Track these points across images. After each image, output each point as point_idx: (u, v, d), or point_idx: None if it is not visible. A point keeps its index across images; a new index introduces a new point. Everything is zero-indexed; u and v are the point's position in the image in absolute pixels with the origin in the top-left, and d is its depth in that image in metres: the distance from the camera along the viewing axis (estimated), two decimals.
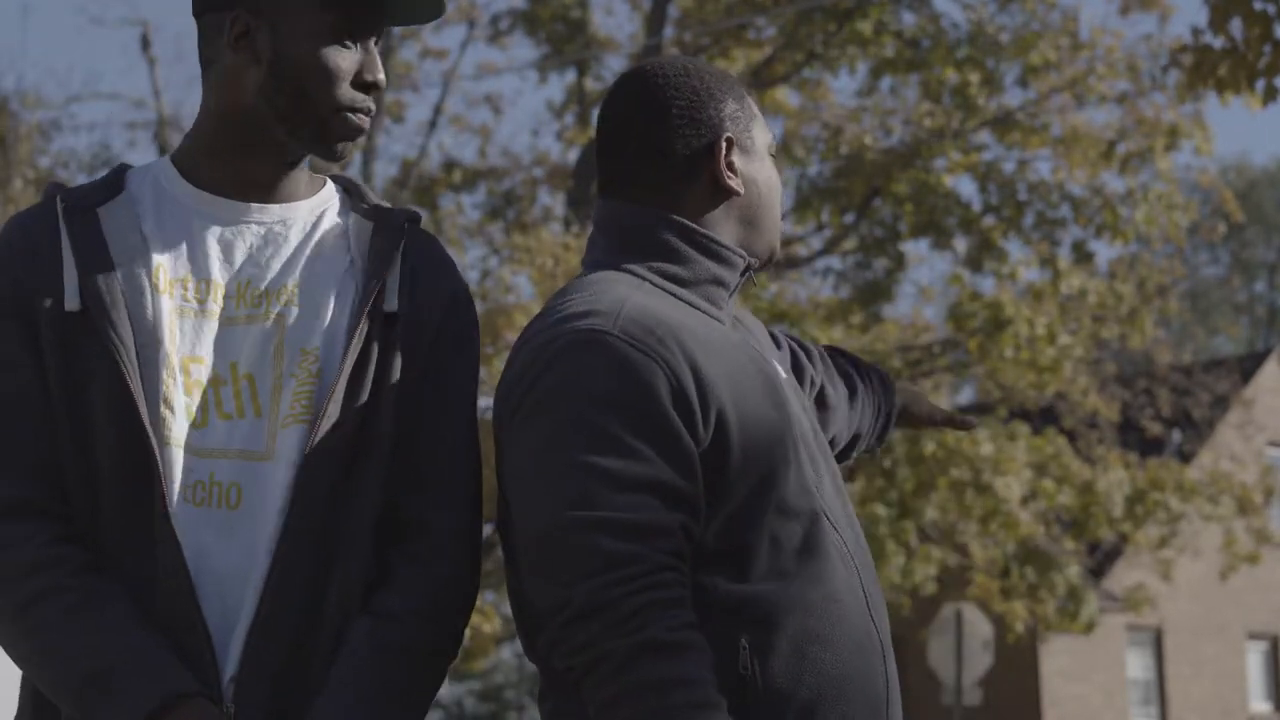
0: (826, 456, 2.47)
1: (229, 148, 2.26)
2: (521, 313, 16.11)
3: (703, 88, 2.46)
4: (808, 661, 2.27)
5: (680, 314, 2.39)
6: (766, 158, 2.50)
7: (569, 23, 20.34)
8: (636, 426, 2.25)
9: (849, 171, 18.12)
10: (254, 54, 2.22)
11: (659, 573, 2.18)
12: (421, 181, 20.24)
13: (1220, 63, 8.50)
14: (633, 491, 2.21)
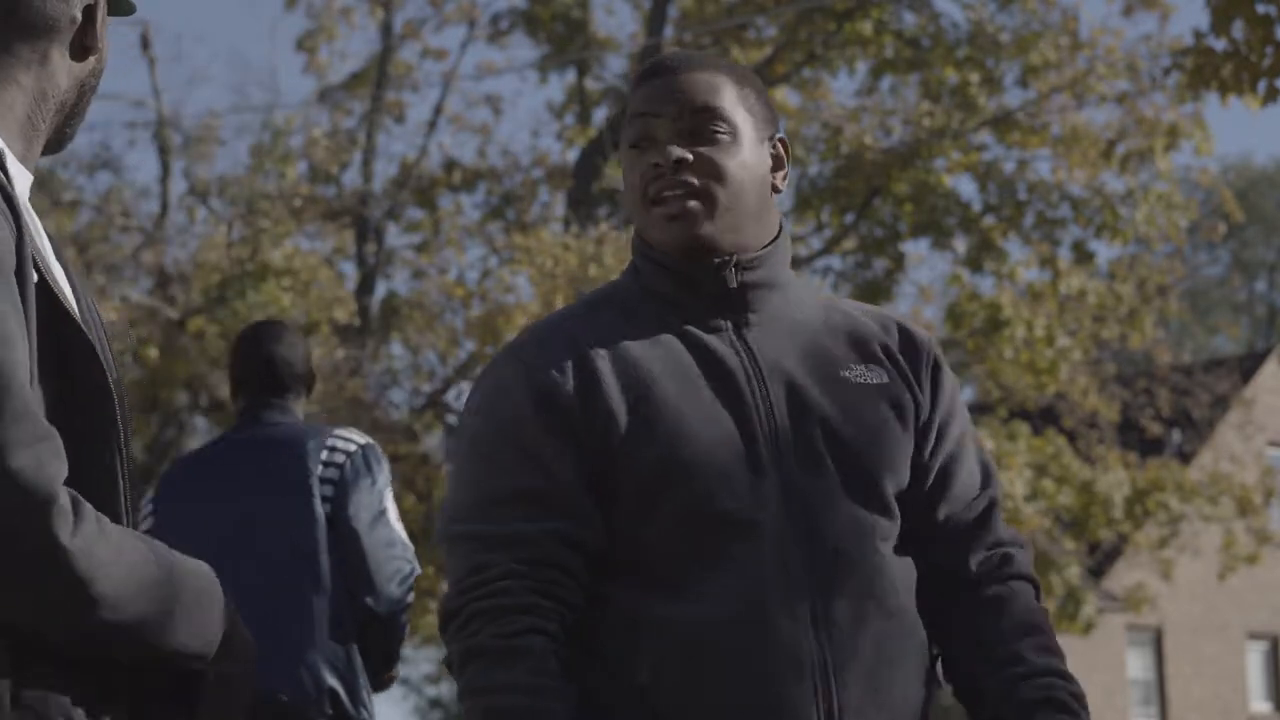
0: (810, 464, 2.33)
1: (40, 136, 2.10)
2: (521, 313, 16.10)
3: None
4: (690, 681, 2.24)
5: (607, 323, 2.39)
6: (628, 153, 2.44)
7: (569, 23, 20.35)
8: (501, 436, 2.31)
9: (849, 171, 18.13)
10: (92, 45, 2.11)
11: (500, 580, 2.23)
12: (421, 181, 20.24)
13: (1222, 65, 8.52)
14: (495, 503, 2.28)
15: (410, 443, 17.49)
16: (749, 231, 2.41)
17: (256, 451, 4.45)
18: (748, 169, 2.40)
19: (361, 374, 17.92)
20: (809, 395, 2.37)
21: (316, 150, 19.43)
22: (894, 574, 2.33)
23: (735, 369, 2.35)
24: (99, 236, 17.95)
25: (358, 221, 19.47)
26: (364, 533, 4.30)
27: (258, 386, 4.52)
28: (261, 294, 16.70)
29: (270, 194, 18.30)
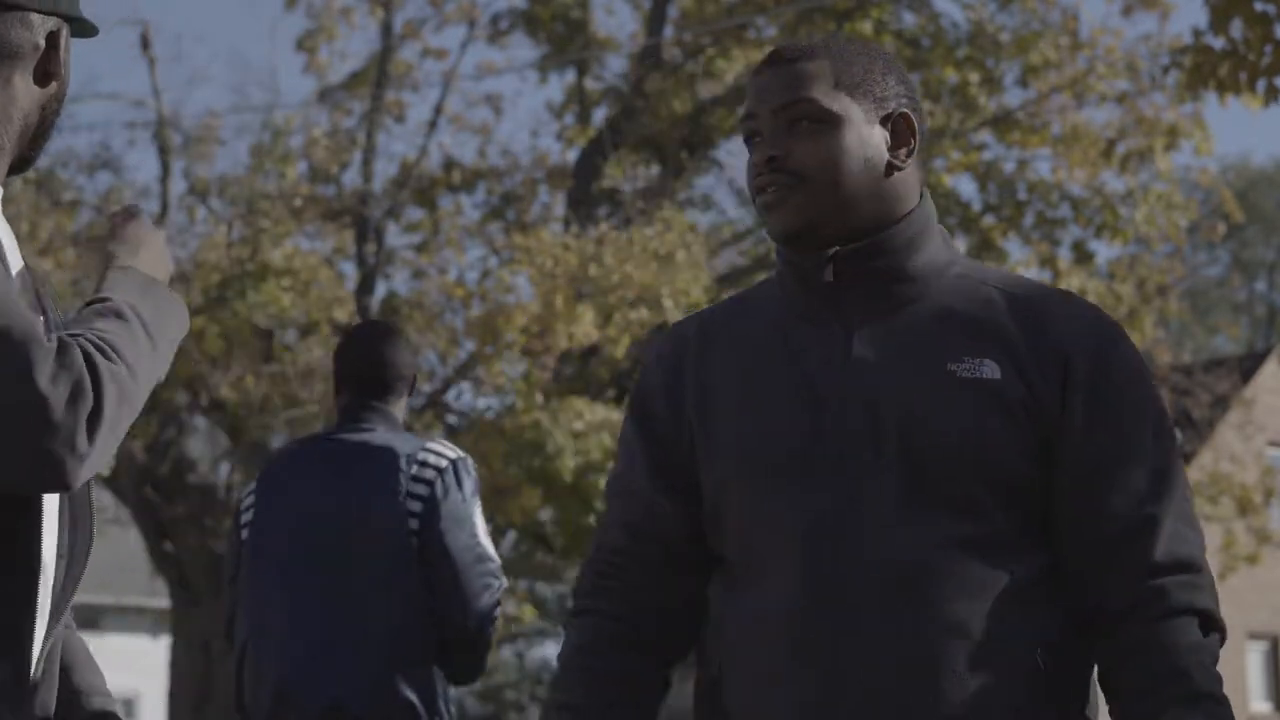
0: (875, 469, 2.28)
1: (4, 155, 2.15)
2: (521, 313, 16.10)
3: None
4: (735, 681, 2.32)
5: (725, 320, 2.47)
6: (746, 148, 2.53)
7: (569, 23, 20.35)
8: (627, 428, 2.47)
9: None
10: (59, 65, 2.17)
11: (590, 559, 2.47)
12: (421, 181, 20.24)
13: (1221, 64, 8.51)
14: (611, 493, 2.50)
15: None
16: (861, 216, 2.37)
17: (349, 455, 4.45)
18: (850, 153, 2.36)
19: None
20: (895, 394, 2.29)
21: (316, 150, 19.43)
22: (959, 584, 2.21)
23: (818, 369, 2.34)
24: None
25: (358, 221, 19.47)
26: (453, 548, 4.29)
27: (358, 387, 4.54)
28: (261, 294, 16.71)
29: (270, 194, 18.30)
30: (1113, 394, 2.27)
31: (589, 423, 15.36)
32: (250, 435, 17.91)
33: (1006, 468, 2.24)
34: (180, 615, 18.72)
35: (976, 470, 2.24)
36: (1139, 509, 2.22)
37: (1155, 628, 2.20)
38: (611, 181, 19.91)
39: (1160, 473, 2.25)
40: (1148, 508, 2.23)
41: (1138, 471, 2.24)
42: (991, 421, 2.24)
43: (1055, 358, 2.27)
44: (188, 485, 18.68)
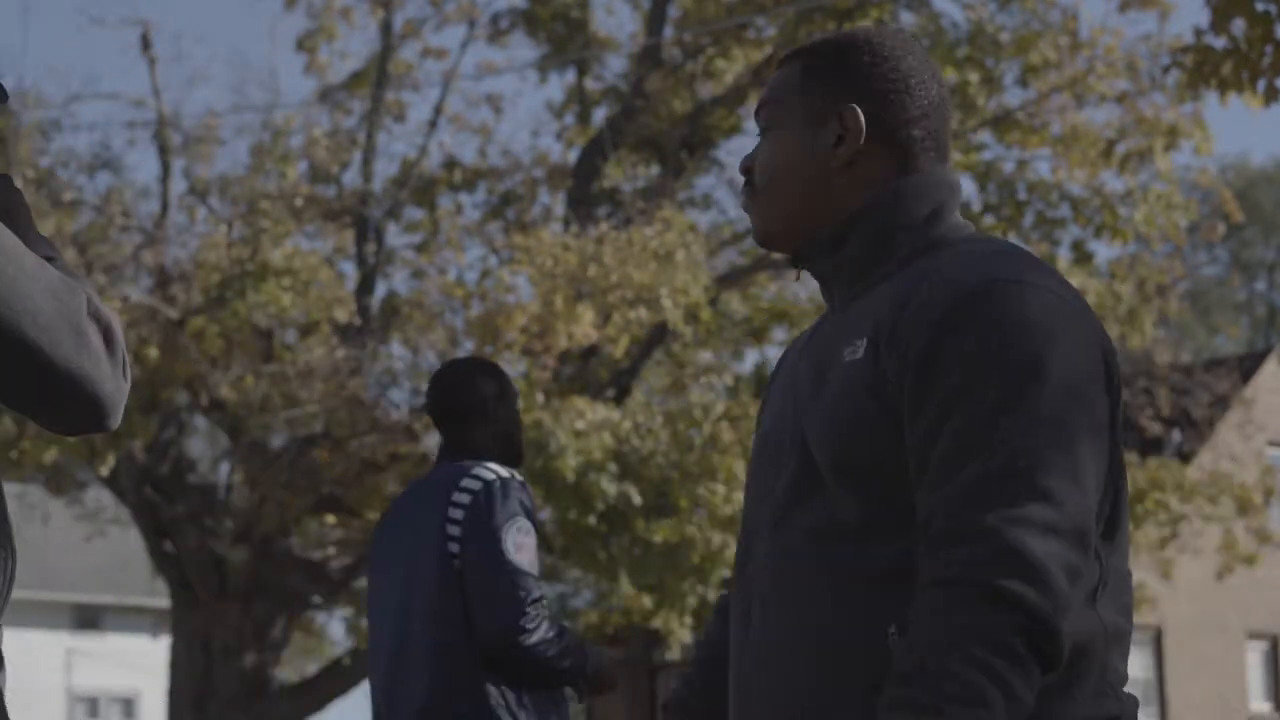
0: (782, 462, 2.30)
1: None
2: (521, 312, 16.10)
3: None
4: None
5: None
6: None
7: (569, 22, 20.35)
8: None
9: None
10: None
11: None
12: (421, 181, 20.24)
13: (1222, 63, 8.50)
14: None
15: (410, 443, 17.50)
16: (806, 220, 2.36)
17: (418, 494, 4.79)
18: (783, 156, 2.38)
19: (361, 374, 17.92)
20: (803, 384, 2.31)
21: (317, 150, 19.43)
22: (811, 572, 2.18)
23: (786, 371, 2.44)
24: (99, 236, 17.95)
25: (358, 221, 19.47)
26: (480, 565, 4.48)
27: (437, 423, 4.84)
28: (262, 294, 16.71)
29: (270, 194, 18.30)
30: (945, 355, 2.11)
31: (590, 422, 15.36)
32: (250, 435, 17.91)
33: (862, 449, 2.16)
34: (180, 615, 18.73)
35: (837, 454, 2.19)
36: (943, 499, 2.06)
37: (918, 598, 2.05)
38: (611, 181, 19.91)
39: (976, 468, 2.05)
40: (963, 467, 2.06)
41: (959, 433, 2.07)
42: (853, 401, 2.18)
43: (902, 339, 2.16)
44: (188, 485, 18.69)
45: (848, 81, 2.38)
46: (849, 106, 2.35)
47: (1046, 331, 2.11)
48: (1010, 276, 2.15)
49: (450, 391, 4.80)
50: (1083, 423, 2.09)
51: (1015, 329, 2.11)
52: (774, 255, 21.49)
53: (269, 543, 18.19)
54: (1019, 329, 2.10)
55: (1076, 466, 2.07)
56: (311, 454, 17.64)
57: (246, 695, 18.22)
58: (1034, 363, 2.09)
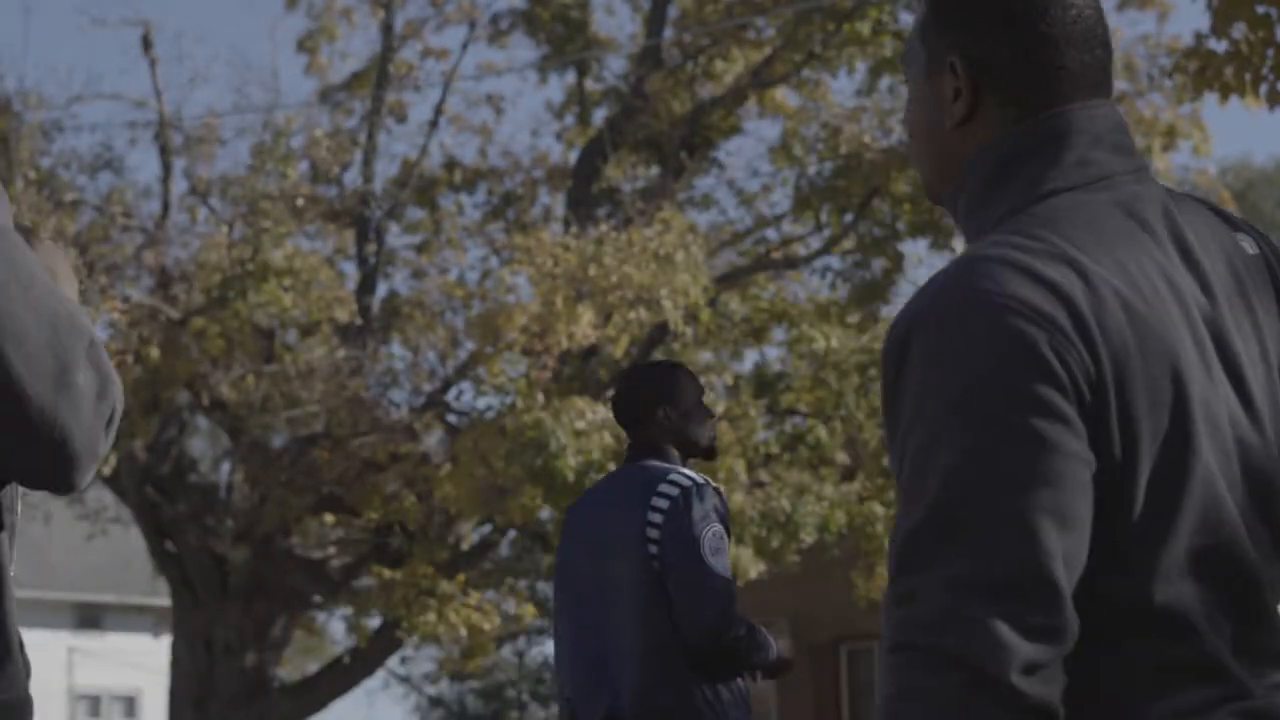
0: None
1: None
2: (521, 312, 16.13)
3: None
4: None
5: None
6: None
7: (569, 23, 20.38)
8: None
9: (848, 171, 18.18)
10: None
11: None
12: (422, 181, 20.28)
13: (1224, 67, 8.50)
14: None
15: (410, 442, 17.54)
16: (938, 179, 2.16)
17: (611, 495, 5.03)
18: (913, 112, 2.18)
19: (362, 374, 17.97)
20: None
21: (317, 150, 19.47)
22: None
23: None
24: (101, 236, 17.99)
25: (358, 221, 19.52)
26: (678, 569, 4.75)
27: (623, 427, 5.13)
28: (263, 294, 16.75)
29: (271, 194, 18.34)
30: (905, 393, 1.95)
31: (590, 422, 15.40)
32: (251, 435, 17.96)
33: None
34: (181, 614, 18.77)
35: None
36: (890, 556, 1.93)
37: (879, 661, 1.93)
38: (611, 182, 19.95)
39: (906, 524, 1.89)
40: (901, 522, 1.92)
41: (899, 517, 1.93)
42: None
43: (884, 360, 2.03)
44: (189, 484, 18.73)
45: (945, 32, 2.13)
46: (951, 60, 2.11)
47: (961, 359, 1.89)
48: (940, 297, 1.94)
49: (617, 399, 5.10)
50: (1021, 454, 1.85)
51: (932, 361, 1.90)
52: (773, 255, 21.35)
53: (270, 542, 18.23)
54: (935, 361, 1.90)
55: (1016, 510, 1.84)
56: (312, 453, 17.69)
57: (247, 694, 18.26)
58: (951, 400, 1.88)
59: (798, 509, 16.02)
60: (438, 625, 17.07)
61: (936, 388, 1.89)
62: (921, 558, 1.85)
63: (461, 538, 18.63)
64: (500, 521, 17.30)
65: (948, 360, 1.89)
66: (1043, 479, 1.84)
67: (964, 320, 1.89)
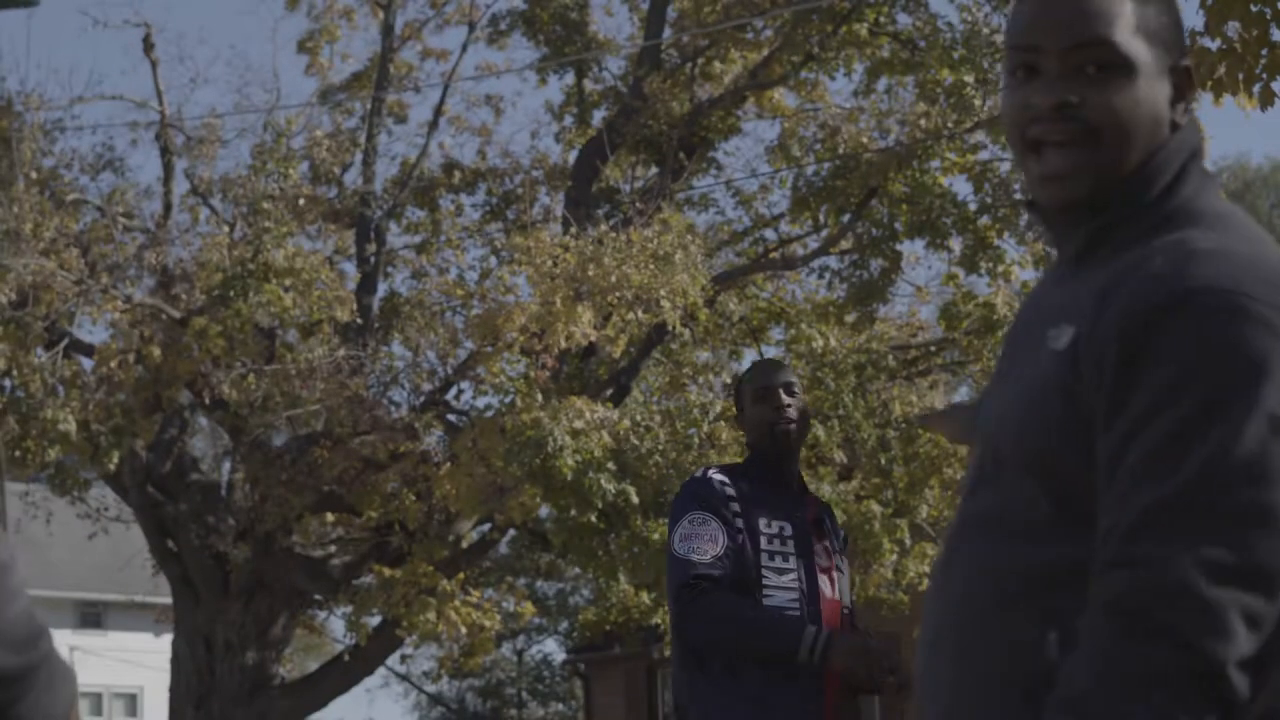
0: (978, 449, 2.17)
1: None
2: (521, 312, 16.18)
3: None
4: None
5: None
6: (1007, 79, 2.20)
7: (568, 24, 20.43)
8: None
9: (846, 172, 18.22)
10: None
11: None
12: (422, 181, 20.35)
13: (1217, 65, 8.48)
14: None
15: (410, 441, 17.59)
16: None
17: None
18: (1140, 109, 2.10)
19: (362, 373, 18.03)
20: (1005, 369, 2.18)
21: (318, 151, 19.54)
22: (973, 565, 2.09)
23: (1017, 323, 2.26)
24: (102, 236, 18.05)
25: (359, 221, 19.58)
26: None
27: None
28: (263, 293, 16.80)
29: (272, 194, 18.40)
30: (1133, 391, 1.98)
31: (589, 421, 15.46)
32: (252, 434, 18.02)
33: (1043, 441, 2.08)
34: (183, 612, 18.83)
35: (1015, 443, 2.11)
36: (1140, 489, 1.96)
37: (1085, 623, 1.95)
38: (610, 182, 20.01)
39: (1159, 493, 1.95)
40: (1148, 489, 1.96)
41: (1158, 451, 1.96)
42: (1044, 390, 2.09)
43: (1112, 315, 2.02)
44: (190, 483, 18.77)
45: (1176, 30, 2.17)
46: (1186, 65, 2.16)
47: (1255, 355, 1.91)
48: (1220, 286, 1.95)
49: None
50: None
51: (1219, 349, 1.93)
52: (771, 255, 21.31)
53: (270, 540, 18.28)
54: (1223, 349, 1.92)
55: (1270, 507, 1.88)
56: (313, 452, 17.74)
57: (248, 692, 18.33)
58: (1238, 389, 1.91)
59: None
60: (437, 623, 17.12)
61: (1207, 374, 1.91)
62: (1171, 530, 1.88)
63: (461, 536, 18.69)
64: (500, 520, 17.36)
65: (1227, 354, 1.92)
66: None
67: (1244, 313, 1.93)
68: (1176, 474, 1.89)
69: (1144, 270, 1.99)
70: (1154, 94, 2.10)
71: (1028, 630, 2.01)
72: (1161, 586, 1.86)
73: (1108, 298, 2.00)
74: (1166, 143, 2.11)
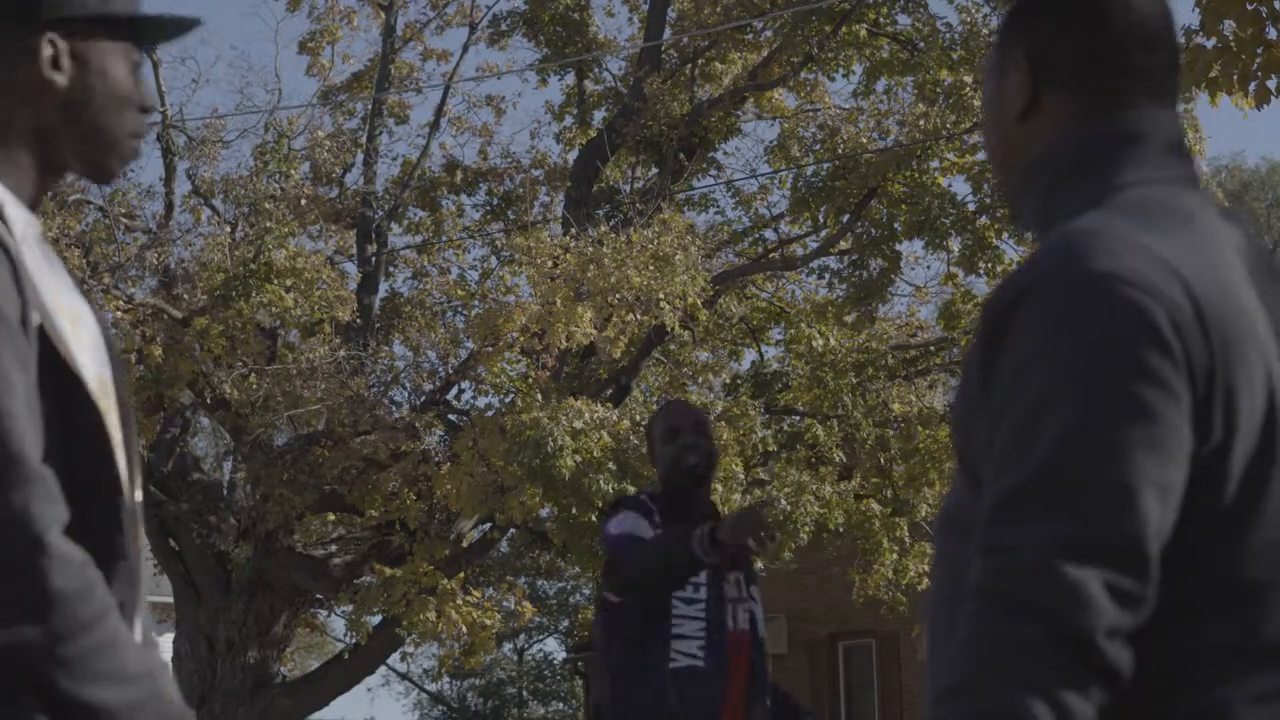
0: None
1: (32, 167, 2.20)
2: (521, 312, 16.23)
3: None
4: None
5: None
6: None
7: (568, 25, 20.48)
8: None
9: (845, 172, 18.26)
10: (59, 73, 2.18)
11: None
12: (423, 182, 20.39)
13: (1213, 63, 8.50)
14: None
15: (411, 441, 17.63)
16: (999, 172, 2.22)
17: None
18: (986, 111, 2.24)
19: (363, 373, 18.07)
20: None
21: (319, 151, 19.58)
22: (941, 564, 2.11)
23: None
24: (104, 237, 18.10)
25: (360, 222, 19.63)
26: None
27: None
28: (265, 294, 16.84)
29: (274, 195, 18.44)
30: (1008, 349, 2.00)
31: (589, 421, 15.50)
32: (253, 433, 18.06)
33: (970, 445, 2.11)
34: (184, 611, 18.86)
35: (961, 448, 2.15)
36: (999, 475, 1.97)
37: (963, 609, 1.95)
38: (610, 182, 20.05)
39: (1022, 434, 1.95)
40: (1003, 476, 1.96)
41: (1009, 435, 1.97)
42: (967, 395, 2.14)
43: (987, 320, 2.06)
44: (192, 483, 18.81)
45: (1023, 29, 2.22)
46: (1018, 55, 2.20)
47: (1080, 329, 1.93)
48: (1056, 269, 1.97)
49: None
50: (1134, 427, 1.89)
51: (1048, 330, 1.94)
52: (770, 255, 21.35)
53: (272, 540, 18.32)
54: (1051, 330, 1.94)
55: (1124, 479, 1.88)
56: (314, 452, 17.77)
57: (249, 690, 18.36)
58: (1067, 367, 1.92)
59: (796, 508, 16.11)
60: (438, 623, 17.15)
61: (1051, 355, 1.92)
62: (1024, 514, 1.88)
63: (462, 535, 18.72)
64: (500, 519, 17.39)
65: (1064, 329, 1.92)
66: (1151, 451, 1.88)
67: (1082, 292, 1.93)
68: (1030, 457, 1.90)
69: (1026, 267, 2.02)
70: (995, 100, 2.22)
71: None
72: (1020, 569, 1.86)
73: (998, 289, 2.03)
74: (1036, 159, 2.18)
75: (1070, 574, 1.85)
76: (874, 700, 22.26)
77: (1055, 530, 1.87)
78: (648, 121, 18.77)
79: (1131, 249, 1.96)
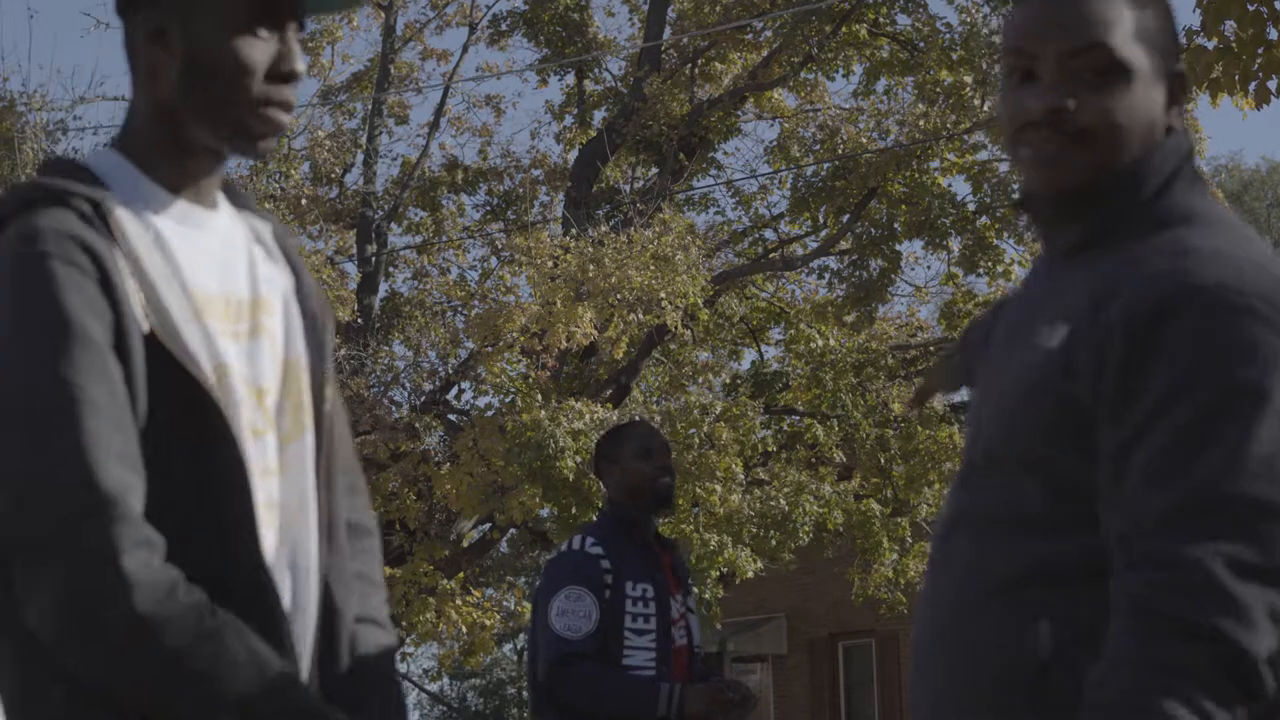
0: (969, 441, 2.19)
1: (174, 148, 2.11)
2: (521, 313, 16.23)
3: None
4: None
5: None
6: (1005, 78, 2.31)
7: (568, 25, 20.49)
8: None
9: (845, 172, 18.27)
10: (168, 51, 2.08)
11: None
12: (423, 182, 20.40)
13: (1214, 64, 8.50)
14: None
15: (411, 441, 17.64)
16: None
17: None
18: (1136, 114, 2.12)
19: (363, 372, 18.07)
20: (994, 364, 2.18)
21: (319, 151, 19.58)
22: (965, 562, 2.08)
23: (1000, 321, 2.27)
24: None
25: (360, 222, 19.63)
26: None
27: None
28: None
29: (274, 194, 18.45)
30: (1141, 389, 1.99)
31: (588, 422, 15.51)
32: None
33: (1034, 437, 2.09)
34: None
35: (1009, 440, 2.12)
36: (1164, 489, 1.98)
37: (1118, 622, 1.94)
38: (610, 182, 20.05)
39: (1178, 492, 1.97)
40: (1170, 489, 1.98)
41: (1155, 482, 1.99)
42: (1040, 387, 2.11)
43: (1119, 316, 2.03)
44: None
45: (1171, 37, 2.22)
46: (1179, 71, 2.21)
47: (1262, 352, 1.93)
48: (1221, 285, 1.97)
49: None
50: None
51: (1226, 347, 1.94)
52: (770, 255, 21.36)
53: None
54: (1229, 347, 1.94)
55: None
56: None
57: None
58: (1249, 386, 1.92)
59: (795, 507, 16.12)
60: (438, 623, 17.16)
61: (1226, 379, 1.93)
62: (1194, 529, 1.89)
63: (461, 536, 18.73)
64: (500, 520, 17.40)
65: (1235, 352, 1.93)
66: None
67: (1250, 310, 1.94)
68: (1193, 473, 1.90)
69: (1143, 270, 2.00)
70: (1149, 99, 2.12)
71: (1019, 622, 2.00)
72: (1188, 585, 1.87)
73: (1105, 297, 2.00)
74: (1160, 145, 2.13)
75: (1239, 592, 1.87)
76: (874, 700, 22.28)
77: (1225, 547, 1.88)
78: (648, 121, 18.78)
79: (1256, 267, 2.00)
